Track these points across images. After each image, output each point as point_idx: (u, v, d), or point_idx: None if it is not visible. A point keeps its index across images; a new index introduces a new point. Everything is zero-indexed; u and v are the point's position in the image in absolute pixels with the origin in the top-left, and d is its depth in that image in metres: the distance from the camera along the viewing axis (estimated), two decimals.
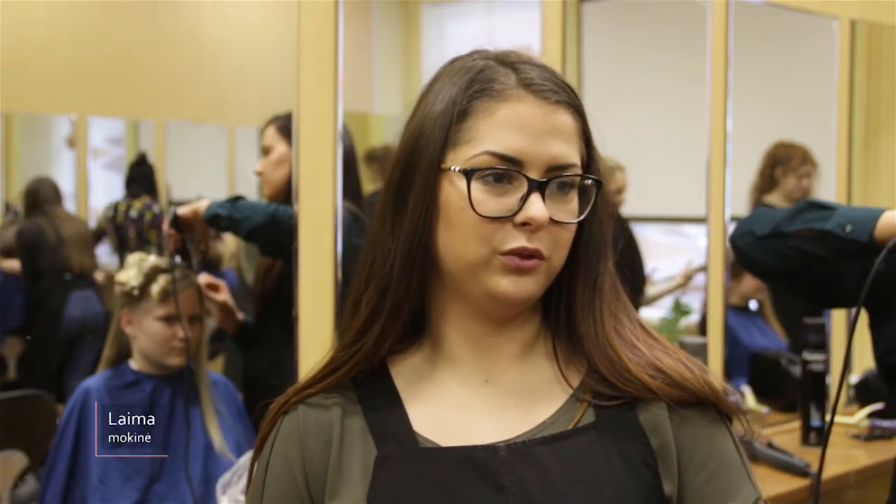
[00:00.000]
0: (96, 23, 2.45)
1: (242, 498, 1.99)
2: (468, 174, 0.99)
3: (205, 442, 2.20)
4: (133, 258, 2.25)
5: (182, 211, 2.24)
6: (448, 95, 1.02)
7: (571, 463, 1.00)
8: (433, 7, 2.94)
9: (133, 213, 2.55)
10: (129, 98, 2.53)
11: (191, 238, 2.23)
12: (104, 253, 2.62)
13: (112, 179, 2.62)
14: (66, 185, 2.54)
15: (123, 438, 2.17)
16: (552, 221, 1.00)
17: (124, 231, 2.54)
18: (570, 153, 1.02)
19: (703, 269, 3.22)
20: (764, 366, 3.34)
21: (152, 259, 2.22)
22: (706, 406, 1.05)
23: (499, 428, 1.03)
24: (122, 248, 2.56)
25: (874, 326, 1.94)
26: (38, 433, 2.29)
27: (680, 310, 3.42)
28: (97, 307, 2.41)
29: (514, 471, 0.99)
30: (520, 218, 0.99)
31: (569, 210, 1.02)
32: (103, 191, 2.61)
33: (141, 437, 2.18)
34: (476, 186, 0.99)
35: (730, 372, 3.20)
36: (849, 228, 1.67)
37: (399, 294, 1.03)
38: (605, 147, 1.09)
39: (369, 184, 2.74)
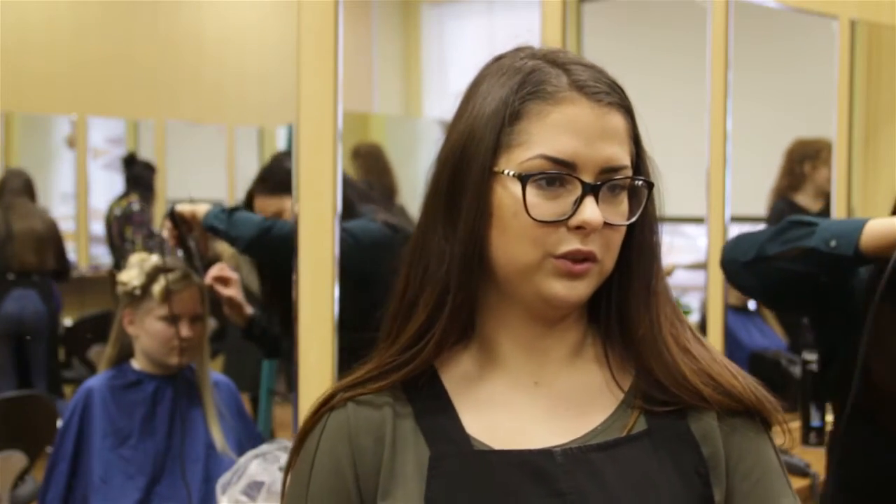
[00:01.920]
0: (96, 23, 2.45)
1: (243, 498, 1.99)
2: (523, 179, 0.98)
3: (206, 442, 2.20)
4: (135, 258, 2.25)
5: (180, 208, 2.24)
6: (498, 96, 1.01)
7: (627, 470, 1.00)
8: (433, 7, 2.94)
9: (117, 212, 2.56)
10: (129, 98, 2.53)
11: (189, 235, 2.24)
12: (105, 253, 2.62)
13: (112, 179, 2.62)
14: (66, 185, 2.55)
15: (125, 438, 2.17)
16: (605, 224, 0.99)
17: (111, 230, 2.56)
18: (622, 155, 1.01)
19: (700, 266, 3.22)
20: (763, 366, 3.34)
21: (154, 259, 2.22)
22: (752, 415, 1.06)
23: (550, 432, 1.03)
24: (112, 247, 2.57)
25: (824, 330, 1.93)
26: (38, 433, 2.29)
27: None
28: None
29: (572, 477, 0.99)
30: (574, 222, 0.98)
31: (620, 212, 1.02)
32: (103, 191, 2.62)
33: (142, 437, 2.18)
34: (530, 190, 0.98)
35: None
36: (833, 243, 1.65)
37: (459, 298, 1.02)
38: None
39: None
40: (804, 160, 3.36)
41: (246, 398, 2.44)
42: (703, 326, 3.22)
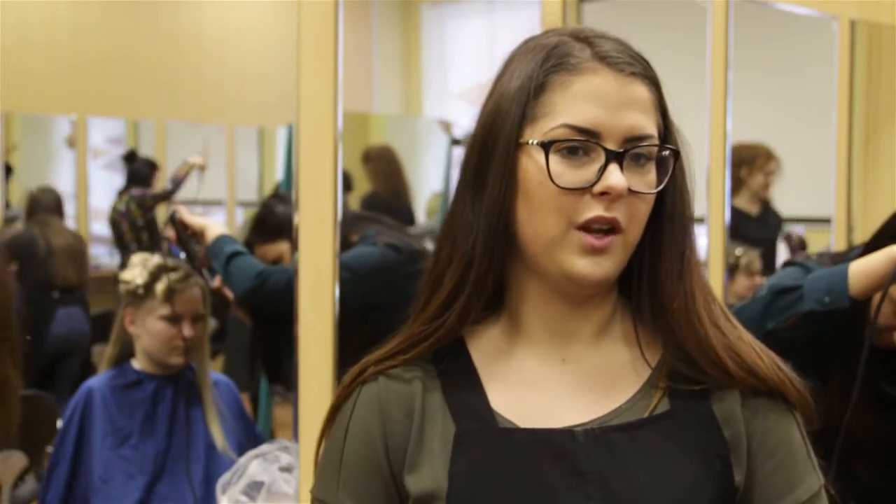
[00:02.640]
0: (96, 23, 2.45)
1: (243, 498, 1.99)
2: (546, 146, 0.99)
3: (206, 441, 2.20)
4: (137, 258, 2.26)
5: (185, 217, 2.24)
6: (524, 72, 1.03)
7: (647, 452, 1.01)
8: (433, 7, 2.94)
9: (121, 208, 2.56)
10: (129, 98, 2.53)
11: (192, 238, 2.24)
12: (105, 253, 2.62)
13: (112, 179, 2.62)
14: (66, 185, 2.55)
15: (125, 438, 2.17)
16: (630, 192, 0.99)
17: (118, 227, 2.55)
18: (647, 124, 1.02)
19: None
20: None
21: (156, 258, 2.22)
22: (776, 396, 1.06)
23: (574, 410, 1.03)
24: (120, 245, 2.57)
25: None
26: (38, 433, 2.29)
27: None
28: (83, 326, 2.39)
29: (592, 457, 0.99)
30: (598, 188, 0.99)
31: (646, 181, 1.02)
32: (103, 191, 2.62)
33: (143, 437, 2.18)
34: (554, 159, 0.99)
35: None
36: (827, 300, 1.65)
37: (483, 268, 1.03)
38: None
39: (366, 184, 2.74)
40: (741, 165, 3.38)
41: (246, 398, 2.44)
42: None
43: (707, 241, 3.18)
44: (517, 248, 1.04)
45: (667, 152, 1.03)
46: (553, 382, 1.05)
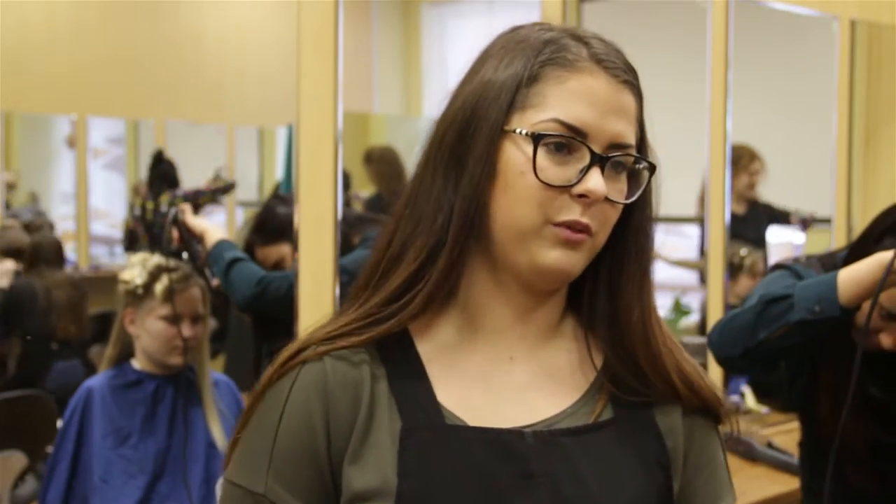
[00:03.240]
0: (96, 23, 2.45)
1: None
2: (536, 139, 0.98)
3: (206, 441, 2.20)
4: (136, 257, 2.25)
5: (187, 219, 2.24)
6: (517, 60, 1.01)
7: (595, 457, 1.00)
8: (433, 7, 2.94)
9: (163, 208, 2.54)
10: (129, 98, 2.53)
11: (194, 239, 2.24)
12: (105, 253, 2.62)
13: (112, 179, 2.62)
14: (66, 185, 2.55)
15: (125, 437, 2.17)
16: (605, 199, 0.99)
17: (160, 227, 2.53)
18: (630, 134, 1.01)
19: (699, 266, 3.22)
20: None
21: (156, 258, 2.22)
22: (708, 412, 1.08)
23: (521, 410, 1.02)
24: (156, 245, 2.55)
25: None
26: (38, 433, 2.29)
27: (680, 310, 3.42)
28: (81, 378, 2.38)
29: (542, 459, 0.99)
30: (578, 189, 0.98)
31: (619, 190, 1.01)
32: (103, 191, 2.62)
33: (143, 437, 2.18)
34: (540, 152, 0.98)
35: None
36: (818, 309, 1.66)
37: (455, 253, 1.00)
38: None
39: (367, 184, 2.74)
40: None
41: (246, 398, 2.44)
42: (702, 326, 3.22)
43: (707, 240, 3.18)
44: (485, 237, 1.02)
45: (642, 165, 1.03)
46: (500, 380, 1.04)
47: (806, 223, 3.53)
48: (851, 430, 1.69)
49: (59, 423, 2.21)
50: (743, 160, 3.40)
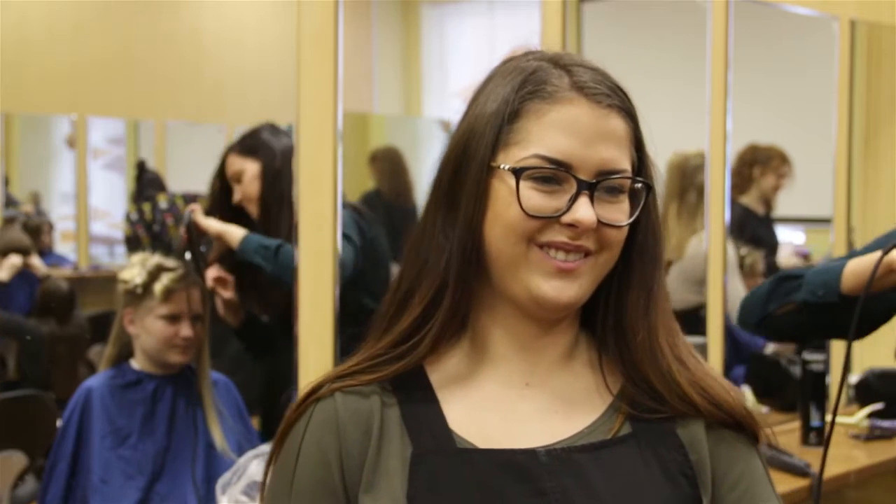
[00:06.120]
0: (96, 23, 2.45)
1: (243, 498, 1.99)
2: (517, 172, 0.98)
3: (206, 441, 2.20)
4: (136, 257, 2.26)
5: (200, 220, 2.25)
6: (500, 95, 1.02)
7: (612, 472, 1.00)
8: (433, 7, 2.94)
9: (163, 205, 2.53)
10: (129, 98, 2.53)
11: (202, 239, 2.25)
12: (105, 253, 2.62)
13: (112, 179, 2.62)
14: (66, 185, 2.54)
15: (125, 437, 2.17)
16: (600, 224, 0.99)
17: (161, 224, 2.53)
18: (621, 158, 1.01)
19: None
20: (763, 366, 3.34)
21: (156, 258, 2.22)
22: (740, 428, 1.07)
23: (537, 433, 1.02)
24: (158, 243, 2.54)
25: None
26: (38, 433, 2.29)
27: None
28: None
29: (555, 477, 0.98)
30: (566, 219, 0.98)
31: (620, 211, 1.01)
32: (103, 191, 2.61)
33: (142, 437, 2.18)
34: (525, 185, 0.98)
35: (729, 372, 3.20)
36: (820, 293, 1.73)
37: (458, 294, 1.02)
38: None
39: (370, 182, 2.74)
40: (754, 164, 3.43)
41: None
42: (703, 326, 3.22)
43: (707, 240, 3.18)
44: (485, 269, 1.03)
45: (639, 185, 1.03)
46: (515, 405, 1.04)
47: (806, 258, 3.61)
48: None
49: (59, 423, 2.21)
50: (773, 162, 3.43)
